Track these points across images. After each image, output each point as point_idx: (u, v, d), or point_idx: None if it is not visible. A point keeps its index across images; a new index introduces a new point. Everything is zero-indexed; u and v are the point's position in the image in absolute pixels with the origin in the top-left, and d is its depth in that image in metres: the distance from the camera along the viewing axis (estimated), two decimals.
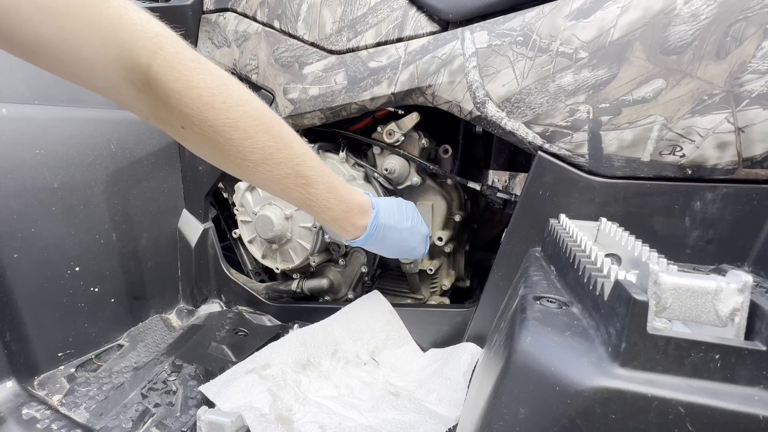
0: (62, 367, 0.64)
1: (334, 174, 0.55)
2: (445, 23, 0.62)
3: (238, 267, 0.91)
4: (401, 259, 0.75)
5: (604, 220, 0.43)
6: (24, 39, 0.34)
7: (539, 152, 0.56)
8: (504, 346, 0.32)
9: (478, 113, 0.59)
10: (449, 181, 0.77)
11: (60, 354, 0.64)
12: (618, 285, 0.26)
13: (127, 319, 0.74)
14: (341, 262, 0.81)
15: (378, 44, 0.65)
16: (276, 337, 0.70)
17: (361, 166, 0.76)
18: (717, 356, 0.24)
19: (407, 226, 0.62)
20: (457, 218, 0.78)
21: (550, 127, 0.55)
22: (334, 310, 0.72)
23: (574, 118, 0.53)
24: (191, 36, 0.80)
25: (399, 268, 0.79)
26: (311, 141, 0.78)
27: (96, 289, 0.68)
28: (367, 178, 0.76)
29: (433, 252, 0.79)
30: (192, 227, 0.84)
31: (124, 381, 0.62)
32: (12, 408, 0.54)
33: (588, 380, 0.25)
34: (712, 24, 0.47)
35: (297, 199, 0.52)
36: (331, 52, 0.69)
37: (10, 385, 0.56)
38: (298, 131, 0.78)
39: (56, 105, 0.66)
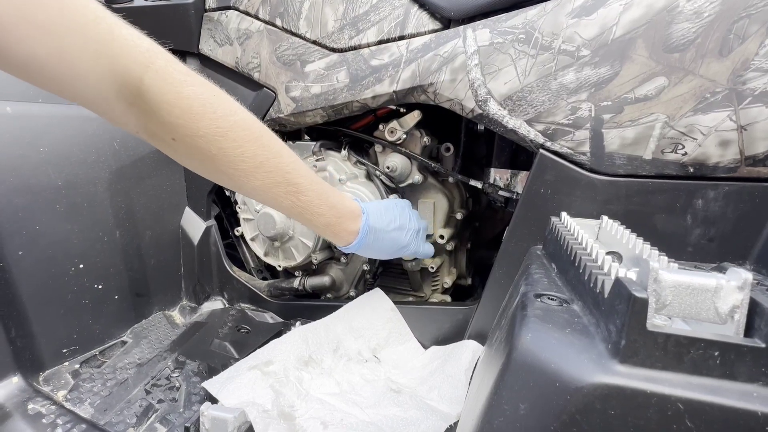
0: (67, 363, 0.64)
1: (324, 181, 0.56)
2: (446, 21, 0.62)
3: (241, 265, 0.92)
4: (403, 257, 0.75)
5: (605, 218, 0.43)
6: (19, 57, 0.35)
7: (541, 150, 0.56)
8: (505, 343, 0.32)
9: (480, 111, 0.59)
10: (451, 179, 0.77)
11: (65, 350, 0.64)
12: (618, 282, 0.26)
13: (130, 316, 0.75)
14: (343, 259, 0.81)
15: (380, 42, 0.65)
16: (278, 335, 0.71)
17: (363, 164, 0.76)
18: (716, 353, 0.24)
19: (395, 226, 0.63)
20: (459, 216, 0.78)
21: (551, 125, 0.55)
22: (335, 308, 0.72)
23: (576, 116, 0.53)
24: (193, 34, 0.80)
25: (401, 266, 0.80)
26: (313, 139, 0.78)
27: (100, 286, 0.69)
28: (369, 176, 0.77)
29: (435, 250, 0.80)
30: (194, 225, 0.85)
31: (128, 377, 0.63)
32: (18, 403, 0.55)
33: (588, 377, 0.25)
34: (715, 21, 0.46)
35: (288, 207, 0.53)
36: (333, 50, 0.69)
37: (16, 380, 0.57)
38: (299, 129, 0.79)
39: (59, 103, 0.66)
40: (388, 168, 0.73)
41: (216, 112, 0.44)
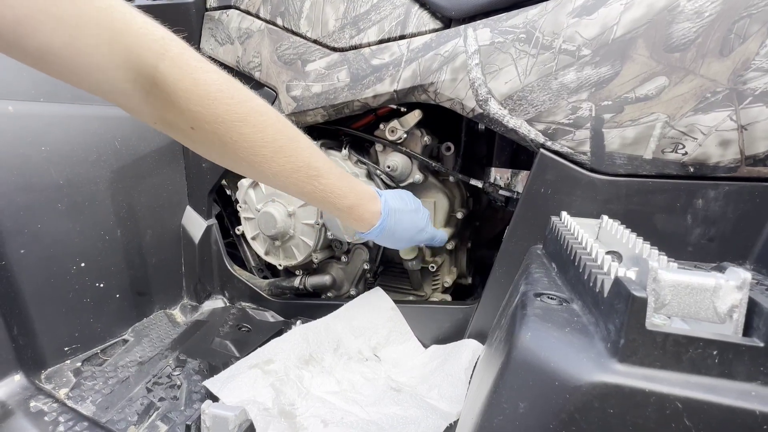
0: (69, 362, 0.64)
1: (339, 165, 0.56)
2: (447, 20, 0.62)
3: (242, 263, 0.92)
4: (403, 256, 0.75)
5: (605, 217, 0.43)
6: (34, 47, 0.35)
7: (541, 150, 0.56)
8: (504, 342, 0.33)
9: (481, 111, 0.59)
10: (451, 179, 0.77)
11: (66, 348, 0.64)
12: (617, 282, 0.26)
13: (131, 315, 0.75)
14: (344, 258, 0.81)
15: (381, 41, 0.65)
16: (279, 333, 0.71)
17: (364, 163, 0.76)
18: (715, 352, 0.24)
19: (412, 207, 0.64)
20: (459, 215, 0.78)
21: (552, 125, 0.55)
22: (336, 307, 0.72)
23: (576, 115, 0.53)
24: (194, 33, 0.80)
25: (401, 265, 0.80)
26: (314, 138, 0.78)
27: (101, 285, 0.69)
28: (370, 176, 0.77)
29: (436, 249, 0.80)
30: (195, 224, 0.85)
31: (130, 375, 0.63)
32: (20, 401, 0.55)
33: (587, 376, 0.25)
34: (716, 21, 0.46)
35: (309, 192, 0.53)
36: (334, 49, 0.69)
37: (18, 378, 0.57)
38: (300, 129, 0.79)
39: (61, 102, 0.67)
40: (389, 167, 0.73)
41: (233, 98, 0.45)
